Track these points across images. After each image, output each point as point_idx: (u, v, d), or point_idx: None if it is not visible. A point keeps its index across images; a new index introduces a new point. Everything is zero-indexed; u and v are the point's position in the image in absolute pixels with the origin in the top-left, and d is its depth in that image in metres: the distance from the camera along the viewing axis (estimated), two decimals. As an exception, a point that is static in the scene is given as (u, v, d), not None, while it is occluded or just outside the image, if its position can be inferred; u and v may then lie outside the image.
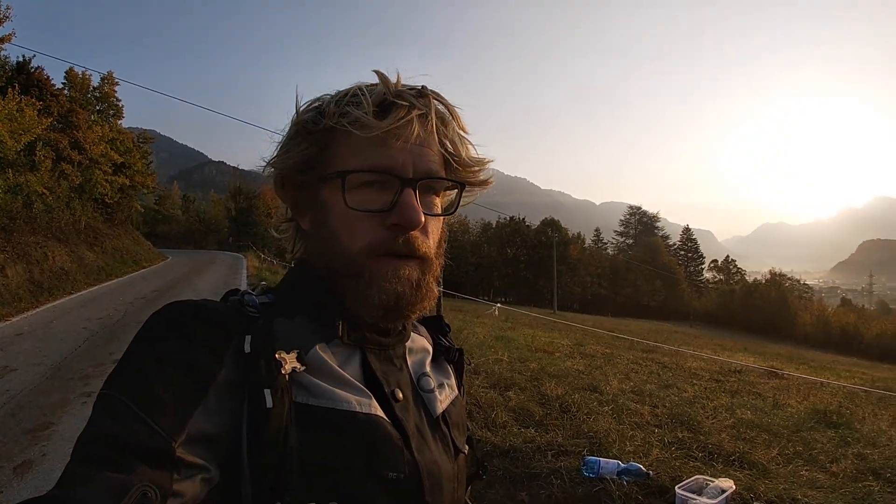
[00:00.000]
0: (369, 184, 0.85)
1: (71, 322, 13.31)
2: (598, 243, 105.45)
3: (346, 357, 0.88)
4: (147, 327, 0.78)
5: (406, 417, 0.88)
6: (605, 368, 9.64)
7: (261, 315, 0.84)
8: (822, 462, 5.03)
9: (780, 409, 7.23)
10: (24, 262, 17.99)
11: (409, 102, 0.85)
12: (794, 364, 16.01)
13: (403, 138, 0.84)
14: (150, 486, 0.62)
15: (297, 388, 0.79)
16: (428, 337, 1.09)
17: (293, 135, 0.90)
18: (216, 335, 0.78)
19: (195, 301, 0.83)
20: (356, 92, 0.85)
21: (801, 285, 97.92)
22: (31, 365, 8.97)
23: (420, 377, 0.98)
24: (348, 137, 0.85)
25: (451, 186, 0.96)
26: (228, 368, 0.75)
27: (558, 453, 4.94)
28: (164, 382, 0.70)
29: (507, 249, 74.67)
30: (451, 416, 0.99)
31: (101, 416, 0.68)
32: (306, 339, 0.85)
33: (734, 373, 10.80)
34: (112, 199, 36.40)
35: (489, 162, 0.97)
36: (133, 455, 0.64)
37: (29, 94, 25.56)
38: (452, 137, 0.92)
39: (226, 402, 0.73)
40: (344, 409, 0.80)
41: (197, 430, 0.69)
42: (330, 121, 0.85)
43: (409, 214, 0.83)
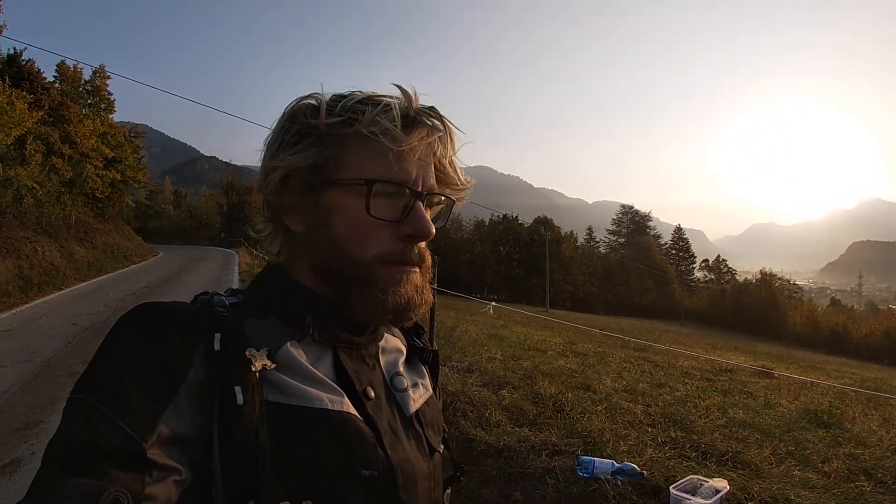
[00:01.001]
0: (385, 193, 0.86)
1: (61, 318, 13.24)
2: (591, 242, 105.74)
3: (317, 356, 0.88)
4: (116, 329, 0.77)
5: (378, 415, 0.89)
6: (597, 367, 9.67)
7: (230, 315, 0.84)
8: (814, 462, 5.06)
9: (772, 408, 7.26)
10: (13, 258, 17.91)
11: (432, 123, 0.88)
12: (784, 363, 16.09)
13: (419, 154, 0.87)
14: (122, 491, 0.62)
15: (268, 387, 0.79)
16: (401, 337, 1.10)
17: (304, 133, 0.88)
18: (185, 335, 0.77)
19: (164, 302, 0.82)
20: (387, 103, 0.85)
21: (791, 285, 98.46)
22: (19, 362, 8.91)
23: (393, 376, 0.99)
24: (371, 145, 0.85)
25: (441, 201, 0.98)
26: (198, 367, 0.75)
27: (552, 453, 4.95)
28: (134, 383, 0.70)
29: (500, 247, 74.71)
30: (426, 416, 1.00)
31: (71, 420, 0.68)
32: (277, 337, 0.85)
33: (725, 372, 10.86)
34: (103, 193, 36.13)
35: (473, 184, 1.02)
36: (104, 459, 0.64)
37: (19, 87, 25.37)
38: (451, 158, 0.96)
39: (197, 401, 0.73)
40: (315, 406, 0.81)
41: (168, 430, 0.69)
42: (363, 128, 0.84)
43: (425, 226, 0.87)
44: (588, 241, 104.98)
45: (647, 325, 43.33)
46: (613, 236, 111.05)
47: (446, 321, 12.07)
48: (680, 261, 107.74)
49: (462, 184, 0.99)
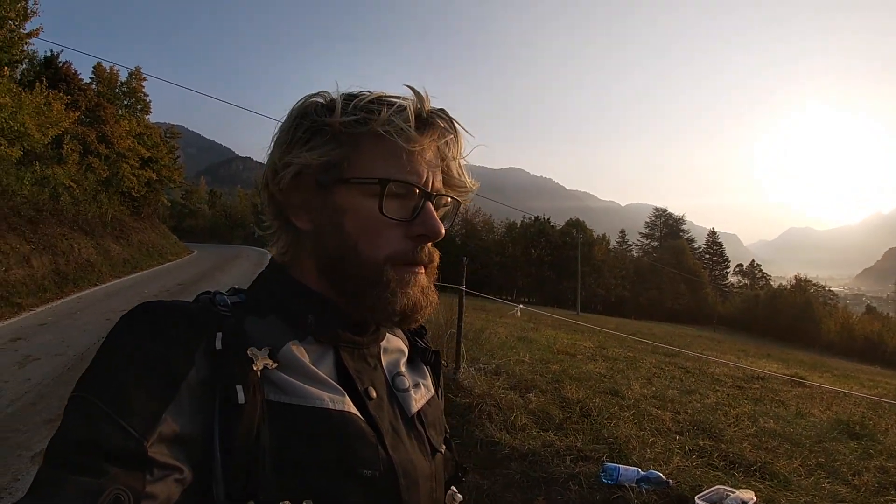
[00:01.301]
0: (397, 194, 0.87)
1: (95, 313, 13.44)
2: (623, 245, 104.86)
3: (319, 355, 0.88)
4: (117, 328, 0.77)
5: (380, 415, 0.89)
6: (627, 372, 9.58)
7: (232, 314, 0.84)
8: (843, 474, 4.95)
9: (803, 418, 7.13)
10: (49, 254, 18.17)
11: (444, 124, 0.90)
12: (817, 372, 15.81)
13: (429, 155, 0.89)
14: (123, 490, 0.63)
15: (269, 386, 0.79)
16: (403, 338, 1.09)
17: (317, 131, 0.88)
18: (186, 333, 0.77)
19: (165, 301, 0.82)
20: (401, 104, 0.86)
21: (826, 291, 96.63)
22: (53, 355, 9.09)
23: (394, 376, 0.99)
24: (384, 145, 0.85)
25: (447, 203, 0.99)
26: (199, 366, 0.75)
27: (577, 458, 4.93)
28: (135, 382, 0.70)
29: (532, 249, 74.31)
30: (427, 416, 1.00)
31: (72, 419, 0.69)
32: (278, 337, 0.85)
33: (757, 379, 10.67)
34: (139, 192, 36.73)
35: (477, 186, 1.03)
36: (105, 457, 0.64)
37: (57, 89, 25.86)
38: (459, 161, 0.97)
39: (197, 400, 0.73)
40: (317, 406, 0.81)
41: (169, 429, 0.70)
42: (378, 127, 0.84)
43: (435, 226, 0.88)
44: (620, 244, 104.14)
45: (679, 330, 42.83)
46: (646, 239, 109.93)
47: (476, 323, 12.04)
48: (713, 265, 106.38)
49: (467, 186, 0.99)
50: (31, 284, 15.54)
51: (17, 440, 5.65)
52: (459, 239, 68.01)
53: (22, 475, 4.93)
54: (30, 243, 17.44)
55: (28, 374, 7.95)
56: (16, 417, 6.27)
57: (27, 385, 7.40)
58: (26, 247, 17.02)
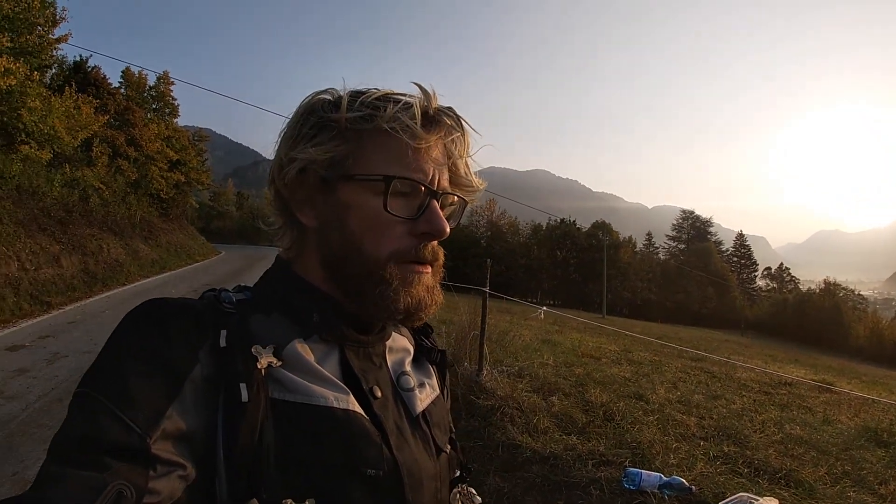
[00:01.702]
0: (402, 192, 0.87)
1: (123, 312, 13.11)
2: (650, 247, 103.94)
3: (324, 353, 0.88)
4: (122, 325, 0.78)
5: (385, 415, 0.89)
6: (652, 376, 9.48)
7: (237, 311, 0.85)
8: (870, 483, 4.86)
9: (830, 425, 7.01)
10: (79, 254, 18.45)
11: (451, 122, 0.90)
12: (845, 378, 15.54)
13: (435, 153, 0.89)
14: (126, 485, 0.63)
15: (274, 384, 0.79)
16: (409, 337, 1.10)
17: (323, 127, 0.89)
18: (191, 331, 0.78)
19: (171, 298, 0.83)
20: (407, 101, 0.86)
21: (855, 296, 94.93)
22: (81, 353, 9.25)
23: (399, 376, 0.99)
24: (390, 142, 0.85)
25: (453, 202, 0.99)
26: (204, 364, 0.76)
27: (599, 463, 4.90)
28: (139, 378, 0.70)
29: (557, 252, 73.95)
30: (432, 416, 0.99)
31: (76, 414, 0.69)
32: (283, 335, 0.85)
33: (784, 385, 10.53)
34: (167, 194, 37.28)
35: (484, 185, 1.02)
36: (108, 453, 0.64)
37: (86, 93, 26.31)
38: (466, 160, 0.97)
39: (201, 397, 0.74)
40: (321, 404, 0.81)
41: (173, 426, 0.70)
42: (383, 123, 0.84)
43: (440, 224, 0.87)
44: (647, 246, 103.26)
45: (706, 334, 42.41)
46: (673, 242, 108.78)
47: (500, 325, 12.01)
48: (741, 268, 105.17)
49: (474, 185, 0.99)
50: (60, 283, 15.78)
51: (44, 435, 5.79)
52: (485, 241, 67.98)
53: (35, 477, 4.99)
54: (59, 243, 17.70)
55: (56, 370, 8.10)
56: (43, 413, 6.41)
57: (55, 381, 7.54)
58: (56, 247, 17.27)
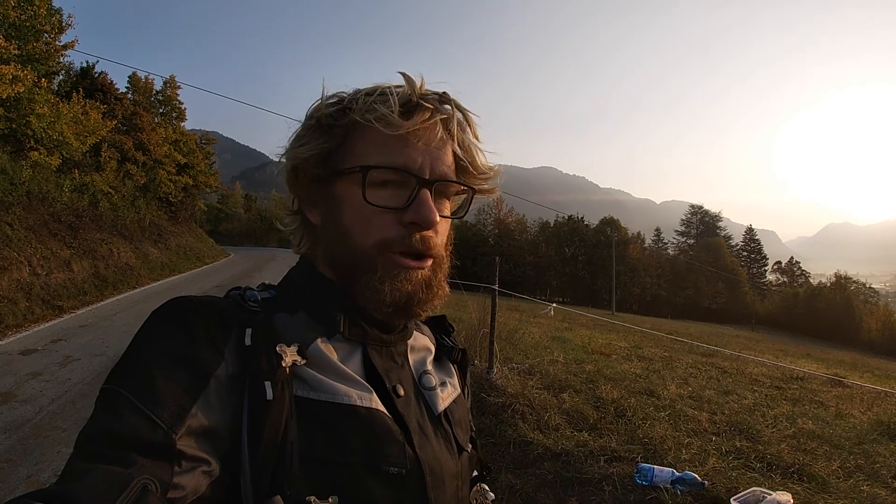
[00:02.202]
0: (387, 181, 0.86)
1: (134, 315, 13.66)
2: (659, 243, 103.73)
3: (347, 353, 0.89)
4: (149, 322, 0.79)
5: (407, 413, 0.90)
6: (662, 372, 9.48)
7: (262, 310, 0.86)
8: (884, 477, 4.84)
9: (843, 419, 6.99)
10: (89, 258, 18.51)
11: (434, 106, 0.87)
12: (857, 372, 15.45)
13: (424, 140, 0.86)
14: (151, 479, 0.63)
15: (298, 382, 0.80)
16: (430, 336, 1.11)
17: (312, 127, 0.91)
18: (217, 329, 0.79)
19: (196, 296, 0.84)
20: (384, 90, 0.87)
21: (866, 289, 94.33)
22: (93, 356, 9.28)
23: (421, 375, 1.00)
24: (371, 134, 0.86)
25: (462, 191, 0.97)
26: (229, 361, 0.77)
27: (611, 459, 4.90)
28: (165, 375, 0.71)
29: (565, 249, 73.95)
30: (454, 415, 1.00)
31: (102, 411, 0.70)
32: (307, 333, 0.86)
33: (796, 380, 10.48)
34: (176, 198, 37.43)
35: (498, 170, 1.00)
36: (133, 448, 0.65)
37: (93, 98, 26.53)
38: (467, 145, 0.94)
39: (226, 395, 0.75)
40: (345, 402, 0.81)
41: (198, 422, 0.71)
42: (357, 116, 0.85)
43: (426, 214, 0.85)
44: (656, 242, 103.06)
45: (716, 329, 42.30)
46: (682, 237, 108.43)
47: (509, 322, 12.00)
48: (751, 263, 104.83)
49: (482, 171, 0.97)
50: (71, 288, 15.82)
51: (58, 437, 5.80)
52: (493, 239, 67.94)
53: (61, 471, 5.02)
54: (70, 248, 17.76)
55: (69, 374, 8.13)
56: (56, 415, 6.42)
57: (67, 384, 7.58)
58: (66, 251, 17.33)
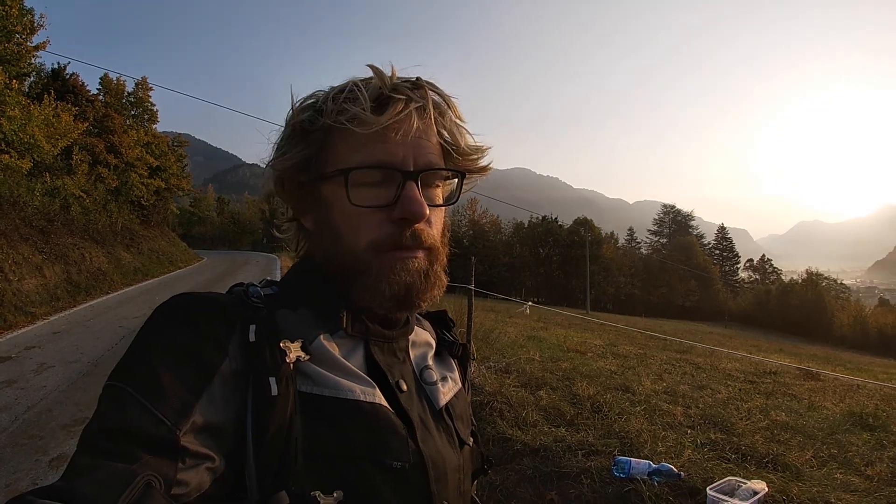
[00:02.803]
0: (372, 179, 0.85)
1: (107, 321, 13.54)
2: (632, 243, 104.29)
3: (349, 348, 0.89)
4: (152, 319, 0.79)
5: (410, 408, 0.89)
6: (637, 369, 9.57)
7: (265, 306, 0.85)
8: (857, 465, 4.93)
9: (816, 410, 7.09)
10: (61, 263, 18.29)
11: (406, 95, 0.85)
12: (830, 366, 15.67)
13: (402, 132, 0.84)
14: (154, 476, 0.63)
15: (302, 378, 0.80)
16: (431, 331, 1.11)
17: (290, 135, 0.90)
18: (220, 325, 0.79)
19: (200, 292, 0.83)
20: (352, 88, 0.85)
21: (838, 285, 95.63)
22: (67, 363, 9.17)
23: (422, 370, 1.00)
24: (347, 134, 0.85)
25: (452, 176, 0.96)
26: (233, 358, 0.76)
27: (589, 453, 4.93)
28: (169, 372, 0.71)
29: (540, 249, 74.18)
30: (455, 409, 1.00)
31: (106, 407, 0.70)
32: (310, 330, 0.86)
33: (769, 374, 10.61)
34: (148, 201, 37.06)
35: (487, 149, 0.98)
36: (137, 444, 0.65)
37: (65, 100, 26.23)
38: (450, 127, 0.93)
39: (230, 391, 0.75)
40: (348, 397, 0.82)
41: (202, 419, 0.71)
42: (328, 119, 0.85)
43: (414, 207, 0.84)
44: (629, 241, 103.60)
45: (689, 326, 42.71)
46: (655, 237, 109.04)
47: (485, 322, 12.04)
48: (724, 261, 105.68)
49: (469, 151, 0.96)
50: (44, 294, 15.63)
51: (35, 445, 5.72)
52: (467, 240, 67.93)
53: (40, 479, 4.98)
54: (42, 253, 17.54)
55: (43, 381, 8.03)
56: (33, 423, 6.33)
57: (43, 392, 7.47)
58: (38, 257, 17.12)
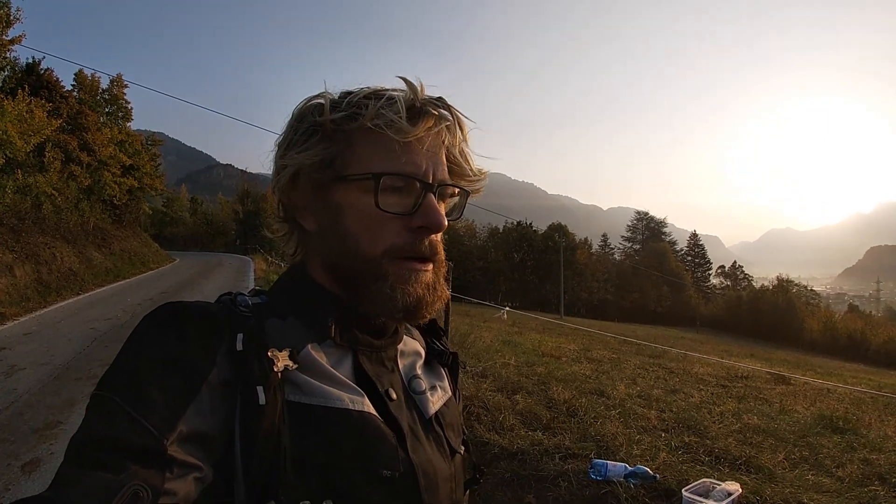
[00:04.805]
0: (395, 187, 0.86)
1: (79, 322, 13.34)
2: (606, 248, 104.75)
3: (338, 358, 0.89)
4: (140, 328, 0.78)
5: (400, 417, 0.89)
6: (612, 373, 9.65)
7: (253, 315, 0.85)
8: (828, 467, 5.04)
9: (787, 414, 7.22)
10: (32, 263, 18.03)
11: (437, 112, 0.87)
12: (800, 370, 15.89)
13: (427, 145, 0.87)
14: (142, 486, 0.64)
15: (290, 387, 0.80)
16: (420, 340, 1.10)
17: (310, 131, 0.89)
18: (208, 334, 0.78)
19: (188, 302, 0.83)
20: (390, 95, 0.86)
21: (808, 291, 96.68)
22: (38, 365, 9.02)
23: (411, 379, 0.99)
24: (377, 139, 0.85)
25: (457, 193, 0.98)
26: (221, 367, 0.76)
27: (566, 456, 4.97)
28: (156, 382, 0.71)
29: (514, 254, 74.22)
30: (445, 418, 1.00)
31: (93, 417, 0.69)
32: (298, 339, 0.86)
33: (741, 378, 10.75)
34: (120, 200, 36.59)
35: (486, 173, 1.01)
36: (124, 454, 0.65)
37: (39, 96, 25.72)
38: (462, 148, 0.96)
39: (218, 400, 0.74)
40: (337, 406, 0.82)
41: (189, 428, 0.70)
42: (367, 121, 0.85)
43: (437, 218, 0.86)
44: (603, 247, 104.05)
45: (662, 331, 42.94)
46: (628, 243, 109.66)
47: (461, 327, 12.06)
48: (696, 267, 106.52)
49: (475, 174, 0.99)
50: (14, 294, 15.39)
51: (6, 450, 5.61)
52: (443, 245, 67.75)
53: (13, 485, 4.89)
54: (12, 252, 17.29)
55: (14, 384, 7.88)
56: (3, 428, 6.21)
57: (13, 395, 7.33)
58: (9, 255, 16.87)
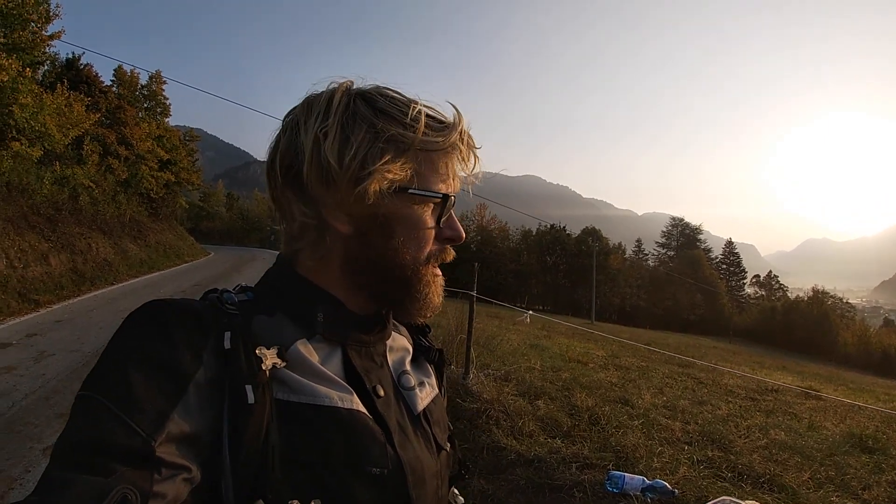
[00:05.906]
0: (436, 203, 0.90)
1: (111, 312, 13.56)
2: (639, 254, 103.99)
3: (326, 354, 0.88)
4: (125, 326, 0.76)
5: (388, 413, 0.89)
6: (638, 382, 9.52)
7: (240, 312, 0.84)
8: (854, 488, 4.90)
9: (815, 431, 7.05)
10: (68, 252, 18.35)
11: (473, 142, 0.93)
12: (832, 385, 15.62)
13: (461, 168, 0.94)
14: (131, 488, 0.62)
15: (278, 385, 0.79)
16: (408, 336, 1.10)
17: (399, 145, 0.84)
18: (195, 333, 0.76)
19: (173, 299, 0.81)
20: (455, 124, 0.90)
21: (843, 304, 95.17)
22: (68, 351, 9.20)
23: (400, 375, 0.99)
24: (441, 160, 0.89)
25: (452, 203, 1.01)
26: (208, 366, 0.75)
27: (583, 466, 4.91)
28: (143, 381, 0.69)
29: (547, 257, 74.03)
30: (433, 414, 1.00)
31: (79, 418, 0.68)
32: (286, 335, 0.85)
33: (771, 392, 10.56)
34: (157, 194, 37.11)
35: None
36: (112, 457, 0.64)
37: (78, 90, 26.15)
38: None
39: (206, 399, 0.73)
40: (325, 404, 0.81)
41: (177, 428, 0.69)
42: (447, 146, 0.88)
43: (461, 230, 0.94)
44: (636, 253, 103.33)
45: (694, 340, 42.54)
46: (663, 249, 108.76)
47: (488, 329, 12.02)
48: (730, 276, 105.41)
49: None
50: (48, 282, 15.68)
51: (30, 433, 5.73)
52: (474, 245, 67.88)
53: (33, 467, 4.99)
54: (48, 241, 17.60)
55: (43, 369, 8.05)
56: (29, 411, 6.35)
57: (42, 380, 7.49)
58: (45, 245, 17.18)
